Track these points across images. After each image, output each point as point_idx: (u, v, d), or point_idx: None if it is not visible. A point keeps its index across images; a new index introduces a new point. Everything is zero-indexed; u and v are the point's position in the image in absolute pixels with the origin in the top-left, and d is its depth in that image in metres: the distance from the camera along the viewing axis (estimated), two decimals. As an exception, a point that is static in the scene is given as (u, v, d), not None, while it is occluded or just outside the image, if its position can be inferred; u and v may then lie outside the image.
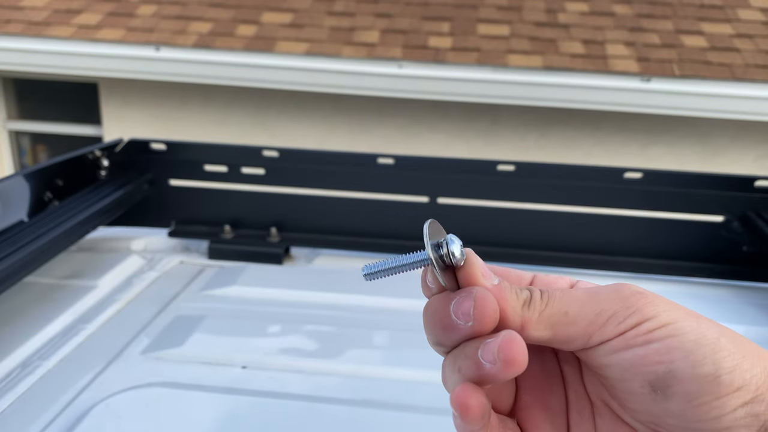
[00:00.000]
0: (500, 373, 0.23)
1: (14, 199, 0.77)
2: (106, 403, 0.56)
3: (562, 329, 0.24)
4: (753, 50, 2.81)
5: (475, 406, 0.24)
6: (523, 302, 0.25)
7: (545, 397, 0.27)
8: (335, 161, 0.92)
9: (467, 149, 3.13)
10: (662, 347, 0.23)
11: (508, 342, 0.23)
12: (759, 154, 3.03)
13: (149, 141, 0.94)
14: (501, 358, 0.23)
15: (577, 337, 0.24)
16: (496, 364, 0.23)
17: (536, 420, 0.27)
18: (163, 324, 0.72)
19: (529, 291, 0.25)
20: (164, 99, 3.18)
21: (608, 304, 0.24)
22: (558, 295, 0.25)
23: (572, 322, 0.24)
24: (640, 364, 0.23)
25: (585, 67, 2.71)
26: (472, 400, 0.24)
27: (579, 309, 0.24)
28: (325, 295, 0.79)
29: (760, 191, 0.89)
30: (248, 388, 0.60)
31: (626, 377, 0.24)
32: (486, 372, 0.23)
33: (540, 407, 0.27)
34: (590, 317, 0.24)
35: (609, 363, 0.24)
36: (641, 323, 0.23)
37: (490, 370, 0.23)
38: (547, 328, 0.24)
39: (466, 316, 0.24)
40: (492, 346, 0.23)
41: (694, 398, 0.22)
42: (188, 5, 3.05)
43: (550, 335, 0.25)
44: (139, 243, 0.94)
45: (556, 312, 0.25)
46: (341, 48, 2.82)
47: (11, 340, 0.66)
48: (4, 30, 2.87)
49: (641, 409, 0.24)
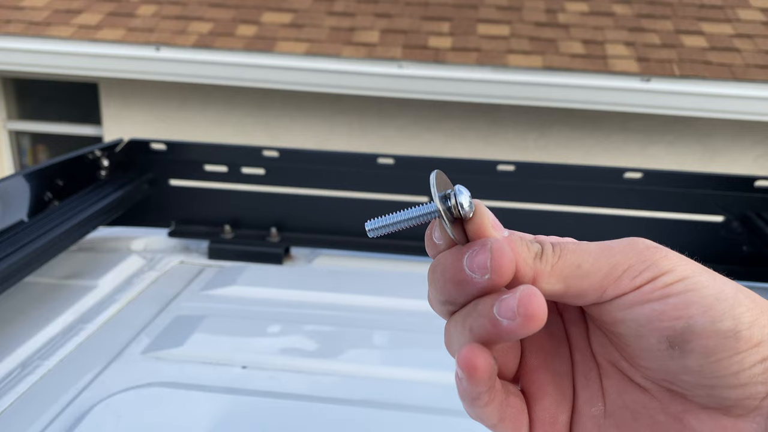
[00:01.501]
0: (519, 329, 0.22)
1: (14, 199, 0.77)
2: (107, 403, 0.56)
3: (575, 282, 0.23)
4: (753, 50, 2.81)
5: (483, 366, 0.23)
6: (535, 254, 0.24)
7: (550, 361, 0.27)
8: (335, 161, 0.92)
9: (467, 149, 3.13)
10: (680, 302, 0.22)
11: (528, 296, 0.22)
12: (759, 154, 3.03)
13: (149, 141, 0.94)
14: (521, 313, 0.22)
15: (590, 291, 0.23)
16: (516, 320, 0.22)
17: (541, 383, 0.26)
18: (163, 324, 0.72)
19: (540, 243, 0.25)
20: (164, 99, 3.18)
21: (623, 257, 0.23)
22: (571, 247, 0.24)
23: (586, 275, 0.23)
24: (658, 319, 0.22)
25: (585, 67, 2.71)
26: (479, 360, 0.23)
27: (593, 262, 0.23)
28: (324, 295, 0.79)
29: (759, 191, 0.89)
30: (248, 387, 0.60)
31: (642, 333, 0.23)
32: (503, 329, 0.22)
33: (545, 371, 0.27)
34: (604, 270, 0.23)
35: (624, 318, 0.23)
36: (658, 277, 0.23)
37: (508, 326, 0.22)
38: (559, 281, 0.24)
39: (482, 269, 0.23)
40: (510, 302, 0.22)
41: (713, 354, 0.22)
42: (188, 5, 3.05)
43: (562, 288, 0.24)
44: (139, 243, 0.94)
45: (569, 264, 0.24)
46: (341, 48, 2.82)
47: (12, 339, 0.66)
48: (5, 30, 2.87)
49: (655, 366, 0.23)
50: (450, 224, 0.24)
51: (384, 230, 0.26)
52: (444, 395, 0.60)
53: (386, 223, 0.26)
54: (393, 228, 0.26)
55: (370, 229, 0.26)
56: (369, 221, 0.26)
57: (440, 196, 0.24)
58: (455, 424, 0.55)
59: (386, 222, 0.26)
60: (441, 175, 0.25)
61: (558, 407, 0.26)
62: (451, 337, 0.25)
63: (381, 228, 0.26)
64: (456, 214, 0.24)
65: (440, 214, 0.24)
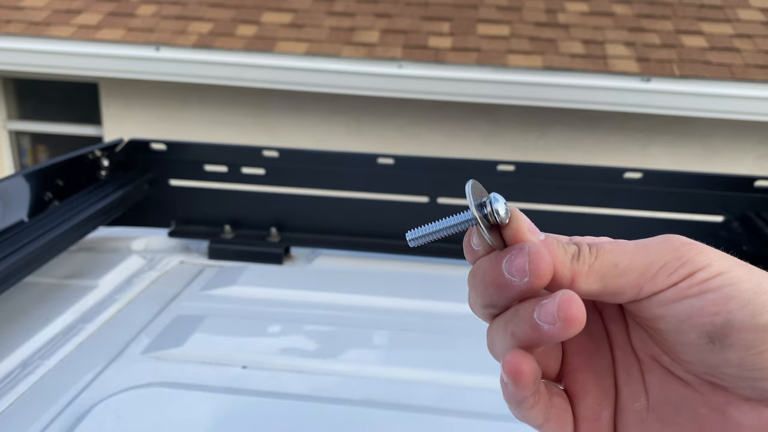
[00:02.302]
0: (560, 333, 0.23)
1: (15, 199, 0.78)
2: (107, 403, 0.56)
3: (613, 281, 0.24)
4: (753, 50, 2.81)
5: (528, 371, 0.24)
6: (572, 256, 0.24)
7: (592, 359, 0.27)
8: (335, 161, 0.92)
9: (467, 149, 3.13)
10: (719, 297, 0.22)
11: (567, 300, 0.23)
12: (759, 154, 3.03)
13: (149, 141, 0.94)
14: (561, 317, 0.22)
15: (627, 289, 0.24)
16: (556, 324, 0.23)
17: (583, 382, 0.27)
18: (163, 324, 0.72)
19: (576, 245, 0.25)
20: (164, 99, 3.18)
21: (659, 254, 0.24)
22: (607, 247, 0.25)
23: (622, 273, 0.24)
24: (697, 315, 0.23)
25: (585, 67, 2.71)
26: (524, 365, 0.23)
27: (629, 260, 0.24)
28: (325, 295, 0.79)
29: (759, 191, 0.89)
30: (248, 387, 0.60)
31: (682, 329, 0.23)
32: (544, 333, 0.23)
33: (587, 370, 0.27)
34: (641, 268, 0.24)
35: (663, 315, 0.24)
36: (694, 273, 0.23)
37: (549, 330, 0.23)
38: (597, 280, 0.24)
39: (521, 272, 0.23)
40: (550, 307, 0.23)
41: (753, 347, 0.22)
42: (188, 5, 3.05)
43: (600, 288, 0.24)
44: (139, 243, 0.94)
45: (605, 264, 0.24)
46: (341, 48, 2.82)
47: (12, 339, 0.66)
48: (5, 30, 2.87)
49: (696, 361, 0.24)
50: (487, 231, 0.24)
51: (424, 240, 0.27)
52: (444, 395, 0.60)
53: (426, 233, 0.27)
54: (432, 237, 0.27)
55: (410, 239, 0.27)
56: (409, 231, 0.27)
57: (476, 204, 0.25)
58: (455, 424, 0.55)
59: (426, 231, 0.27)
60: (476, 184, 0.26)
61: (601, 404, 0.27)
62: (494, 340, 0.26)
63: (421, 238, 0.27)
64: (493, 220, 0.24)
65: (477, 222, 0.24)
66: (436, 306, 0.78)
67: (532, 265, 0.23)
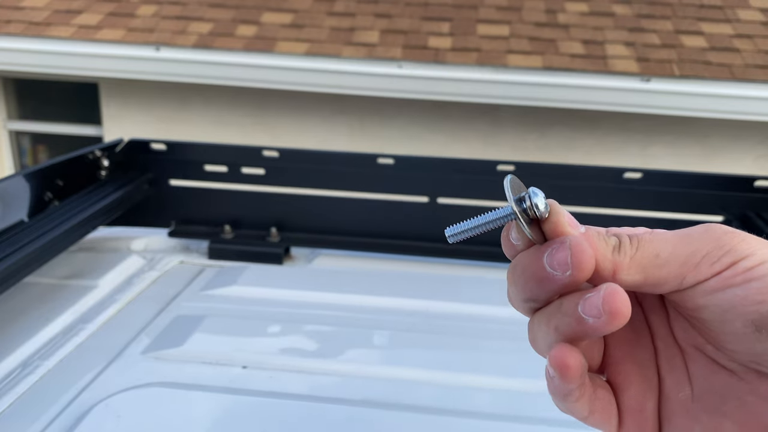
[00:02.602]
0: (605, 327, 0.23)
1: (15, 199, 0.78)
2: (107, 403, 0.56)
3: (655, 272, 0.24)
4: (752, 50, 2.81)
5: (574, 365, 0.24)
6: (613, 248, 0.24)
7: (634, 351, 0.27)
8: (335, 161, 0.92)
9: (467, 149, 3.13)
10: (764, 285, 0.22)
11: (612, 294, 0.23)
12: (759, 154, 3.03)
13: (149, 141, 0.94)
14: (607, 310, 0.22)
15: (669, 279, 0.24)
16: (601, 318, 0.23)
17: (627, 374, 0.27)
18: (163, 324, 0.72)
19: (617, 236, 0.25)
20: (164, 99, 3.18)
21: (701, 243, 0.24)
22: (647, 237, 0.25)
23: (664, 264, 0.24)
24: (741, 304, 0.23)
25: (585, 68, 2.71)
26: (570, 359, 0.24)
27: (671, 250, 0.24)
28: (325, 295, 0.79)
29: (759, 191, 0.89)
30: (248, 387, 0.60)
31: (726, 318, 0.23)
32: (589, 327, 0.23)
33: (629, 361, 0.27)
34: (683, 258, 0.24)
35: (706, 304, 0.24)
36: (737, 262, 0.23)
37: (593, 324, 0.23)
38: (638, 271, 0.24)
39: (563, 266, 0.23)
40: (595, 300, 0.23)
41: None
42: (188, 5, 3.05)
43: (641, 279, 0.24)
44: (139, 243, 0.94)
45: (647, 255, 0.24)
46: (341, 48, 2.82)
47: (12, 339, 0.66)
48: (5, 30, 2.87)
49: (742, 350, 0.24)
50: (527, 225, 0.24)
51: (463, 236, 0.27)
52: (444, 395, 0.60)
53: (465, 229, 0.27)
54: (471, 233, 0.27)
55: (449, 235, 0.27)
56: (448, 228, 0.27)
57: (515, 199, 0.25)
58: (455, 424, 0.55)
59: (465, 228, 0.27)
60: (514, 179, 0.26)
61: (645, 395, 0.27)
62: (535, 335, 0.26)
63: (460, 234, 0.27)
64: (532, 215, 0.24)
65: (517, 217, 0.24)
66: (436, 306, 0.78)
67: (574, 258, 0.23)
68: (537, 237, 0.25)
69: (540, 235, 0.25)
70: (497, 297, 0.81)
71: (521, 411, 0.58)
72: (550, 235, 0.25)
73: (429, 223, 0.92)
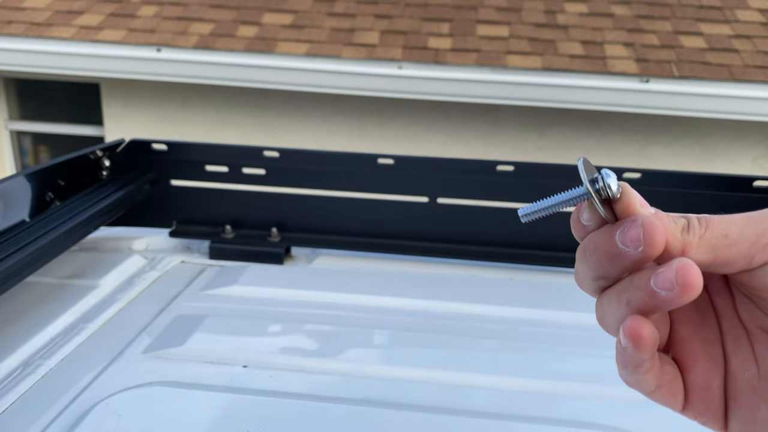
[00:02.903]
0: (677, 299, 0.23)
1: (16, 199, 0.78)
2: (107, 402, 0.57)
3: (723, 251, 0.25)
4: (751, 51, 2.81)
5: (647, 334, 0.24)
6: (682, 228, 0.25)
7: (699, 330, 0.28)
8: (335, 161, 0.92)
9: (466, 150, 3.13)
10: None
11: (685, 267, 0.23)
12: (758, 154, 3.03)
13: (150, 141, 0.94)
14: (680, 282, 0.23)
15: (738, 259, 0.25)
16: (674, 290, 0.23)
17: (693, 352, 0.27)
18: (164, 323, 0.72)
19: (685, 218, 0.26)
20: (165, 99, 3.18)
21: None
22: (716, 219, 0.25)
23: (733, 243, 0.24)
24: None
25: (584, 68, 2.72)
26: (644, 330, 0.24)
27: (739, 231, 0.25)
28: (325, 295, 0.80)
29: (758, 191, 0.90)
30: (249, 387, 0.60)
31: None
32: (661, 299, 0.24)
33: (695, 340, 0.28)
34: (752, 238, 0.24)
35: None
36: None
37: (666, 296, 0.24)
38: (707, 251, 0.25)
39: (635, 242, 0.24)
40: (668, 273, 0.24)
41: None
42: (189, 6, 3.06)
43: (710, 258, 0.25)
44: (140, 243, 0.94)
45: (716, 235, 0.25)
46: (341, 49, 2.83)
47: (13, 339, 0.67)
48: (6, 31, 2.87)
49: None
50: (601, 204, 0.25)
51: (536, 215, 0.28)
52: (444, 394, 0.60)
53: (538, 209, 0.28)
54: (544, 213, 0.28)
55: (523, 215, 0.28)
56: (521, 208, 0.28)
57: (589, 179, 0.26)
58: (455, 422, 0.56)
59: (538, 207, 0.28)
60: (586, 161, 0.27)
61: (711, 373, 0.27)
62: (604, 312, 0.27)
63: (533, 213, 0.28)
64: (605, 195, 0.25)
65: (591, 196, 0.25)
66: (435, 306, 0.78)
67: (647, 235, 0.24)
68: (609, 216, 0.26)
69: (612, 215, 0.26)
70: (497, 297, 0.81)
71: (520, 410, 0.58)
72: (622, 214, 0.25)
73: (429, 223, 0.92)
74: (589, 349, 0.70)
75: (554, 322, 0.76)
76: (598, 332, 0.85)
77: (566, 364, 0.67)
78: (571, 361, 0.68)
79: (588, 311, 0.79)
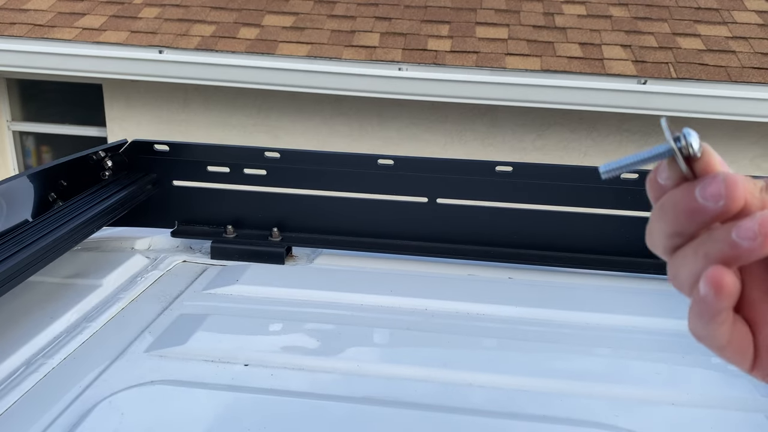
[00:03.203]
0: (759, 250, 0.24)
1: (19, 199, 0.78)
2: (110, 401, 0.57)
3: None
4: (749, 52, 2.82)
5: (730, 283, 0.25)
6: (761, 188, 0.26)
7: None
8: (335, 162, 0.93)
9: (466, 150, 3.14)
10: None
11: None
12: (755, 155, 3.04)
13: (153, 142, 0.95)
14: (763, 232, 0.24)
15: None
16: (757, 240, 0.24)
17: (764, 314, 0.28)
18: (166, 322, 0.73)
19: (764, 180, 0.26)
20: (167, 101, 3.19)
21: None
22: None
23: None
24: None
25: (582, 70, 2.73)
26: (726, 278, 0.25)
27: None
28: (326, 294, 0.80)
29: (754, 192, 0.90)
30: (250, 385, 0.61)
31: None
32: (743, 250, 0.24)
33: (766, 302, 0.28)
34: None
35: None
36: None
37: (748, 246, 0.24)
38: None
39: (716, 197, 0.25)
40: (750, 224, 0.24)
41: None
42: (191, 8, 3.07)
43: None
44: (142, 242, 0.95)
45: None
46: (342, 50, 2.83)
47: (16, 338, 0.67)
48: (9, 32, 2.88)
49: None
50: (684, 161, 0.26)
51: (616, 172, 0.29)
52: (443, 392, 0.61)
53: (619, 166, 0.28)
54: (626, 170, 0.28)
55: (604, 171, 0.29)
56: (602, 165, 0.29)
57: (673, 137, 0.27)
58: (454, 421, 0.56)
59: (620, 165, 0.28)
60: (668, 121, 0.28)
61: None
62: (678, 270, 0.27)
63: (614, 170, 0.29)
64: (686, 153, 0.26)
65: (675, 153, 0.26)
66: (435, 305, 0.79)
67: (728, 190, 0.25)
68: (689, 174, 0.27)
69: (691, 173, 0.27)
70: (495, 296, 0.82)
71: (519, 408, 0.59)
72: (702, 172, 0.26)
73: (428, 223, 0.93)
74: (587, 348, 0.71)
75: (552, 321, 0.76)
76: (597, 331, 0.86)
77: (565, 363, 0.68)
78: (569, 360, 0.68)
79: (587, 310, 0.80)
